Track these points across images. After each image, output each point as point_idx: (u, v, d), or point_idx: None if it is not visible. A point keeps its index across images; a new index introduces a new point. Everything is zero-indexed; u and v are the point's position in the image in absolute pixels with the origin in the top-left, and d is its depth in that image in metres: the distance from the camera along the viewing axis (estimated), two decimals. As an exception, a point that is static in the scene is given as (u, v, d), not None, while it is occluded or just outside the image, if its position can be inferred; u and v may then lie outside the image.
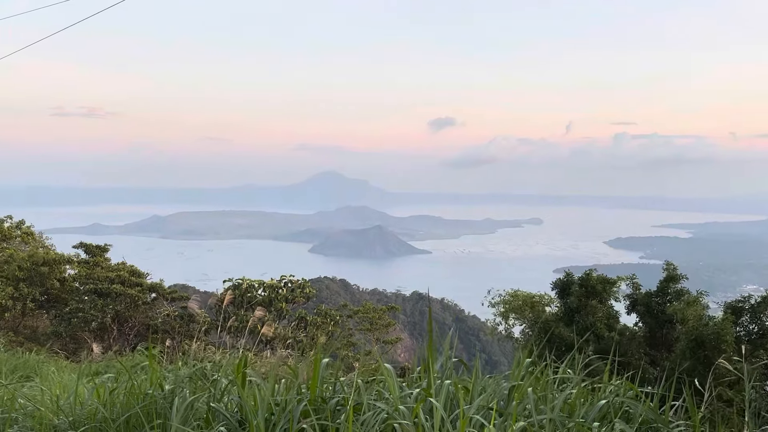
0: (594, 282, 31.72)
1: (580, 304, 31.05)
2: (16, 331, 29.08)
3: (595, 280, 31.82)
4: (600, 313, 30.99)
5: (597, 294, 31.54)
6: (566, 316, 31.66)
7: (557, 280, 32.94)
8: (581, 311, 30.98)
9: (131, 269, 32.90)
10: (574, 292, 31.47)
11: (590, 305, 30.89)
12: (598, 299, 31.45)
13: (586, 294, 31.42)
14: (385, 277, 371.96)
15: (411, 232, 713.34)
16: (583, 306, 31.02)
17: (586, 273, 32.52)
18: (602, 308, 31.26)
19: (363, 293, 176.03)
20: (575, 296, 31.29)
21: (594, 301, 31.16)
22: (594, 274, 32.33)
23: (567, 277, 32.67)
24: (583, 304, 31.06)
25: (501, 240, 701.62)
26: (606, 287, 31.86)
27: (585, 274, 32.46)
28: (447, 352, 6.14)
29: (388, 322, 36.87)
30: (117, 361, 11.57)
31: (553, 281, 33.14)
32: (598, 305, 31.15)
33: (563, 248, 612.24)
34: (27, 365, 11.64)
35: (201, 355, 11.41)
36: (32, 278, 30.16)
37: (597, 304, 31.13)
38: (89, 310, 28.69)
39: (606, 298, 31.86)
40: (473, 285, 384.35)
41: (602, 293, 31.65)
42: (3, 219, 35.75)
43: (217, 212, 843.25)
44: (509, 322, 35.37)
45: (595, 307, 30.92)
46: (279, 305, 30.68)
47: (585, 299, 31.19)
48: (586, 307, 30.95)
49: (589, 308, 30.86)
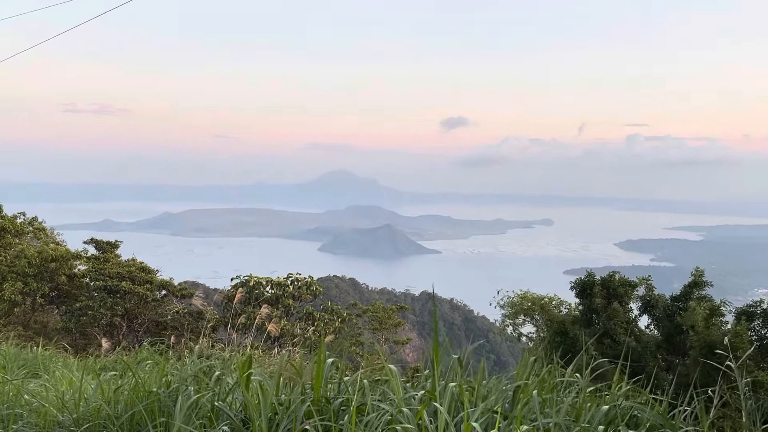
0: (616, 284, 31.41)
1: (602, 306, 30.75)
2: (26, 326, 29.24)
3: (617, 282, 31.52)
4: (620, 316, 30.71)
5: (618, 296, 31.26)
6: (585, 317, 31.35)
7: (578, 279, 32.50)
8: (601, 313, 30.69)
9: (141, 266, 33.01)
10: (596, 293, 31.13)
11: (612, 308, 30.59)
12: (619, 302, 31.18)
13: (608, 296, 31.14)
14: (394, 277, 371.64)
15: (421, 231, 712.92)
16: (604, 308, 30.74)
17: (609, 274, 32.20)
18: (622, 311, 30.98)
19: (372, 292, 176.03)
20: (599, 297, 30.92)
21: (616, 303, 30.89)
22: (617, 276, 32.02)
23: (588, 278, 32.25)
24: (605, 306, 30.77)
25: (511, 240, 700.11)
26: (627, 290, 31.55)
27: (608, 275, 32.13)
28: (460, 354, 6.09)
29: (397, 322, 36.84)
30: (122, 357, 11.58)
31: (573, 281, 32.74)
32: (620, 308, 30.87)
33: (574, 249, 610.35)
34: (35, 361, 11.67)
35: (207, 352, 11.38)
36: (42, 274, 30.30)
37: (619, 306, 30.85)
38: (99, 308, 28.81)
39: (626, 301, 31.56)
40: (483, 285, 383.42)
41: (623, 296, 31.36)
42: (16, 215, 35.93)
43: (228, 210, 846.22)
44: (518, 323, 35.15)
45: (616, 310, 30.63)
46: (286, 302, 30.72)
47: (606, 301, 30.92)
48: (607, 309, 30.67)
49: (611, 311, 30.59)
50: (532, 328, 34.60)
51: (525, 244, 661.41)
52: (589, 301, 31.34)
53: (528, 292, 35.39)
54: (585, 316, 31.38)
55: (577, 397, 5.72)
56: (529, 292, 35.46)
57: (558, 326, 31.27)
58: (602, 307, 30.78)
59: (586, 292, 31.85)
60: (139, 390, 6.15)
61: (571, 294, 33.12)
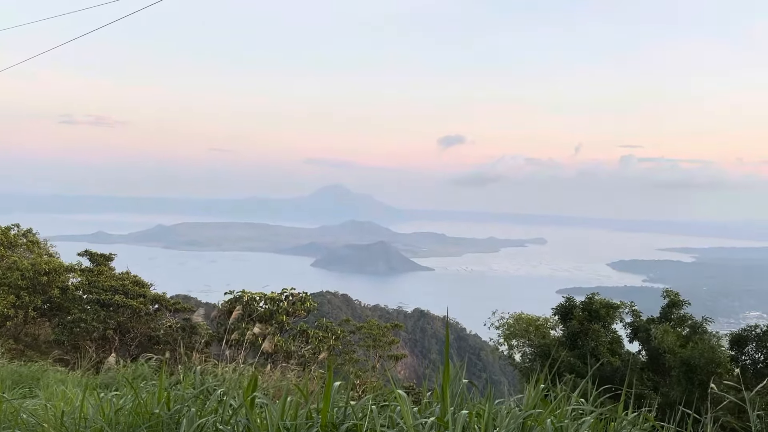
0: (597, 306, 31.50)
1: (582, 329, 30.81)
2: (17, 338, 28.96)
3: (598, 304, 31.60)
4: (603, 337, 30.75)
5: (600, 318, 31.32)
6: (569, 340, 31.41)
7: (559, 305, 32.78)
8: (583, 336, 30.73)
9: (135, 279, 32.80)
10: (576, 316, 31.24)
11: (593, 330, 30.64)
12: (602, 324, 31.22)
13: (589, 318, 31.18)
14: (387, 293, 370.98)
15: (414, 248, 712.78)
16: (585, 330, 30.78)
17: (588, 297, 32.32)
18: (605, 333, 31.03)
19: (365, 309, 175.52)
20: (577, 320, 31.05)
21: (597, 325, 30.92)
22: (597, 298, 32.12)
23: (568, 302, 32.50)
24: (585, 328, 30.81)
25: (504, 259, 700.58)
26: (609, 311, 31.63)
27: (588, 297, 32.26)
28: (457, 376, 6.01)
29: (391, 340, 36.68)
30: (121, 374, 11.45)
31: (555, 306, 32.97)
32: (601, 329, 30.91)
33: (566, 269, 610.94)
34: (30, 375, 11.54)
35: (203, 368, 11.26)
36: (35, 286, 30.08)
37: (600, 328, 30.89)
38: (91, 321, 28.58)
39: (609, 323, 31.62)
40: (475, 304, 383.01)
41: (605, 317, 31.42)
42: (10, 227, 35.73)
43: (221, 223, 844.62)
44: (512, 344, 35.06)
45: (597, 332, 30.67)
46: (280, 318, 30.53)
47: (587, 323, 30.95)
48: (588, 331, 30.71)
49: (592, 333, 30.62)
50: (527, 349, 34.51)
51: (518, 263, 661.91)
52: (570, 323, 31.45)
53: (523, 314, 35.37)
54: (569, 339, 31.44)
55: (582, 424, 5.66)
56: (524, 313, 35.44)
57: (544, 349, 31.32)
58: (584, 329, 30.83)
59: (567, 316, 31.97)
60: (141, 410, 6.06)
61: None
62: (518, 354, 35.03)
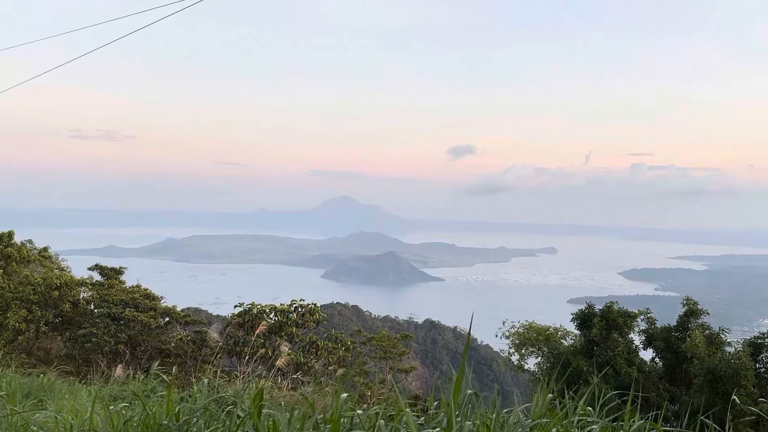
0: (615, 315, 31.35)
1: (601, 337, 30.67)
2: (30, 353, 29.10)
3: (616, 313, 31.45)
4: (620, 346, 30.60)
5: (618, 327, 31.18)
6: (586, 348, 31.25)
7: (578, 311, 32.57)
8: (601, 344, 30.60)
9: (146, 293, 32.90)
10: (595, 324, 31.07)
11: (611, 338, 30.50)
12: (619, 332, 31.08)
13: (607, 327, 31.04)
14: (398, 304, 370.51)
15: (424, 259, 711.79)
16: (604, 339, 30.64)
17: (607, 305, 32.14)
18: (623, 342, 30.87)
19: (375, 320, 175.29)
20: (597, 328, 30.87)
21: (615, 334, 30.80)
22: (615, 307, 31.97)
23: (588, 309, 32.27)
24: (604, 337, 30.67)
25: (514, 269, 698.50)
26: (627, 320, 31.47)
27: (606, 306, 32.08)
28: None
29: (402, 351, 36.56)
30: (130, 385, 11.49)
31: (574, 312, 32.77)
32: (619, 339, 30.77)
33: (577, 278, 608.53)
34: (41, 388, 11.60)
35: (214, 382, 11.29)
36: (46, 301, 30.24)
37: (618, 337, 30.75)
38: (102, 335, 28.69)
39: (626, 332, 31.46)
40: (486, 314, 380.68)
41: (623, 326, 31.26)
42: (23, 243, 36.03)
43: (231, 236, 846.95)
44: (523, 354, 34.88)
45: (615, 341, 30.53)
46: (289, 330, 30.54)
47: (606, 332, 30.82)
48: (606, 340, 30.56)
49: (610, 341, 30.48)
50: (537, 358, 34.33)
51: (528, 273, 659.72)
52: (589, 332, 31.28)
53: (533, 323, 35.20)
54: (586, 348, 31.30)
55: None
56: (535, 322, 35.27)
57: (560, 357, 31.15)
58: (601, 338, 30.71)
59: (586, 324, 31.81)
60: (150, 422, 6.09)
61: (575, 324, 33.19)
62: (530, 364, 34.83)
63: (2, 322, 28.68)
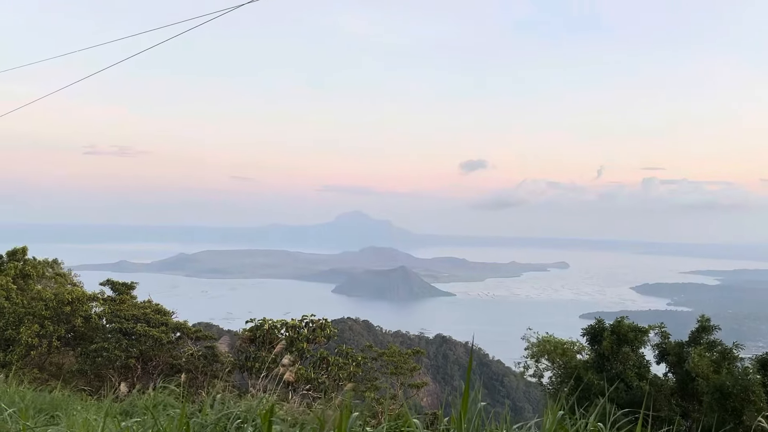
0: (625, 330, 31.22)
1: (612, 351, 30.55)
2: (42, 368, 29.22)
3: (627, 328, 31.33)
4: (631, 361, 30.44)
5: (628, 342, 31.04)
6: (597, 363, 31.13)
7: (589, 326, 32.49)
8: (612, 359, 30.47)
9: (157, 308, 33.02)
10: (606, 339, 30.96)
11: (622, 352, 30.37)
12: (630, 347, 30.94)
13: (618, 341, 30.93)
14: (409, 319, 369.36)
15: (435, 273, 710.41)
16: (615, 353, 30.51)
17: (617, 320, 32.03)
18: (633, 356, 30.72)
19: (386, 335, 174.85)
20: (607, 342, 30.76)
21: (626, 348, 30.66)
22: (625, 322, 31.85)
23: (598, 324, 32.20)
24: (615, 351, 30.56)
25: (526, 284, 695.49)
26: (637, 335, 31.34)
27: (616, 321, 31.97)
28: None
29: (413, 366, 36.43)
30: (141, 402, 11.51)
31: (584, 327, 32.67)
32: (630, 353, 30.62)
33: (589, 293, 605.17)
34: (53, 404, 11.65)
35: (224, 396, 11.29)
36: (58, 316, 30.39)
37: (629, 351, 30.61)
38: (113, 350, 28.78)
39: (637, 347, 31.31)
40: (497, 329, 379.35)
41: (633, 341, 31.13)
42: (36, 258, 36.36)
43: (242, 251, 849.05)
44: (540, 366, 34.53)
45: (626, 355, 30.38)
46: (300, 345, 30.53)
47: (617, 346, 30.71)
48: (617, 354, 30.44)
49: (621, 356, 30.34)
50: (553, 372, 34.06)
51: (540, 288, 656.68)
52: (599, 346, 31.17)
53: (552, 336, 34.93)
54: (597, 362, 31.18)
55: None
56: (552, 336, 35.00)
57: (571, 371, 31.00)
58: (612, 352, 30.57)
59: (596, 338, 31.70)
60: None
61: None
62: (545, 377, 34.54)
63: (15, 337, 28.85)
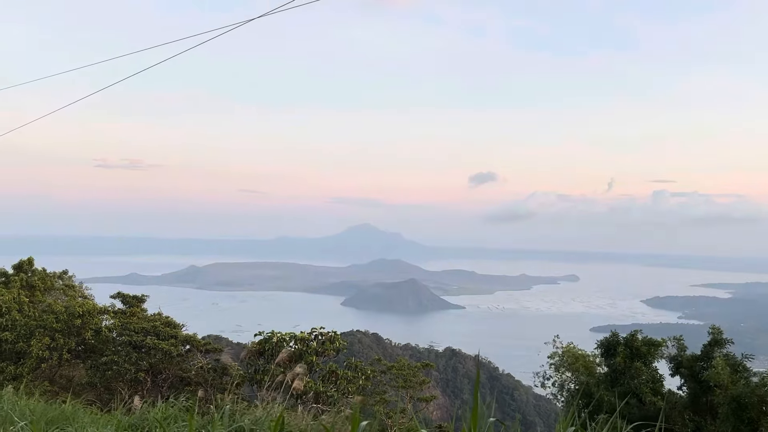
0: (639, 344, 31.05)
1: (625, 366, 30.36)
2: (52, 380, 29.34)
3: (640, 342, 31.15)
4: (644, 375, 30.25)
5: (642, 356, 30.86)
6: (610, 377, 30.95)
7: (603, 339, 32.28)
8: (626, 373, 30.28)
9: (167, 320, 33.12)
10: (619, 353, 30.77)
11: (634, 367, 30.18)
12: (643, 361, 30.76)
13: (631, 355, 30.75)
14: (418, 332, 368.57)
15: (444, 286, 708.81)
16: (628, 368, 30.32)
17: (630, 334, 31.84)
18: (647, 371, 30.51)
19: (395, 348, 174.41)
20: (621, 357, 30.57)
21: (639, 363, 30.47)
22: (639, 336, 31.66)
23: (612, 337, 31.98)
24: (628, 365, 30.37)
25: (536, 296, 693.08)
26: (651, 349, 31.13)
27: (630, 335, 31.78)
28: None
29: (422, 380, 36.34)
30: (150, 413, 11.56)
31: (599, 340, 32.46)
32: (643, 368, 30.42)
33: (600, 306, 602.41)
34: (64, 416, 11.71)
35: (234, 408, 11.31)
36: (69, 329, 30.54)
37: (642, 366, 30.40)
38: (123, 363, 28.87)
39: (650, 361, 31.11)
40: (507, 342, 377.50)
41: (647, 355, 30.93)
42: (45, 269, 36.57)
43: (252, 263, 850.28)
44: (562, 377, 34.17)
45: (639, 370, 30.19)
46: (309, 358, 30.52)
47: (630, 361, 30.52)
48: (630, 369, 30.25)
49: (634, 370, 30.15)
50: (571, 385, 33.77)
51: (550, 301, 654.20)
52: (613, 360, 30.97)
53: (574, 347, 34.65)
54: (610, 376, 30.98)
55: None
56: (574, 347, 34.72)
57: (583, 387, 30.80)
58: (625, 366, 30.37)
59: (610, 352, 31.49)
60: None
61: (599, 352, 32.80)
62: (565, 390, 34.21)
63: (26, 350, 29.01)
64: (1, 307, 30.82)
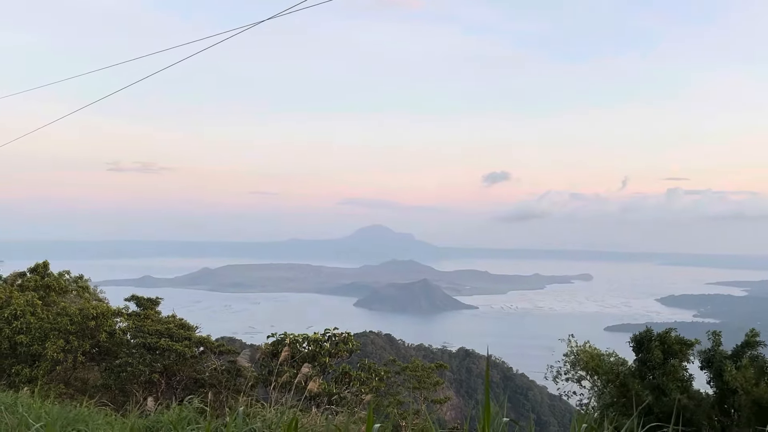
0: (672, 342, 30.96)
1: (658, 363, 30.34)
2: (67, 383, 29.46)
3: (673, 340, 31.06)
4: (678, 373, 30.22)
5: (674, 354, 30.79)
6: (640, 372, 30.91)
7: (635, 334, 32.16)
8: (658, 370, 30.24)
9: (180, 322, 33.20)
10: (655, 348, 30.67)
11: (669, 364, 30.14)
12: (678, 359, 30.74)
13: (665, 352, 30.73)
14: (431, 332, 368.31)
15: (457, 286, 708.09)
16: (661, 364, 30.30)
17: (665, 331, 31.79)
18: (681, 370, 30.50)
19: (408, 348, 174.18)
20: (658, 351, 30.50)
21: (675, 360, 30.46)
22: (673, 334, 31.59)
23: (646, 333, 31.92)
24: (661, 362, 30.36)
25: (549, 296, 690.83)
26: (683, 348, 31.02)
27: (664, 332, 31.71)
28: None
29: (436, 381, 36.26)
30: (165, 415, 11.57)
31: (633, 335, 32.30)
32: (678, 366, 30.41)
33: (614, 305, 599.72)
34: (79, 418, 11.74)
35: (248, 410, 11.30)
36: (83, 331, 30.67)
37: (677, 364, 30.40)
38: (138, 365, 28.97)
39: (681, 359, 31.03)
40: (521, 342, 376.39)
41: (679, 354, 30.85)
42: (62, 273, 36.77)
43: (264, 265, 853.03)
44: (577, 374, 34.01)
45: (674, 367, 30.16)
46: (323, 360, 30.51)
47: (665, 357, 30.53)
48: (664, 365, 30.20)
49: (668, 367, 30.10)
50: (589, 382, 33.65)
51: (563, 300, 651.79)
52: (645, 355, 30.84)
53: (591, 346, 34.48)
54: (640, 371, 30.92)
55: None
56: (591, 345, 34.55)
57: (620, 380, 30.75)
58: (659, 362, 30.31)
59: (642, 347, 31.35)
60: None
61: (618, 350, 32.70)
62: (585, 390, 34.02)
63: (41, 353, 29.16)
64: (16, 311, 30.99)
